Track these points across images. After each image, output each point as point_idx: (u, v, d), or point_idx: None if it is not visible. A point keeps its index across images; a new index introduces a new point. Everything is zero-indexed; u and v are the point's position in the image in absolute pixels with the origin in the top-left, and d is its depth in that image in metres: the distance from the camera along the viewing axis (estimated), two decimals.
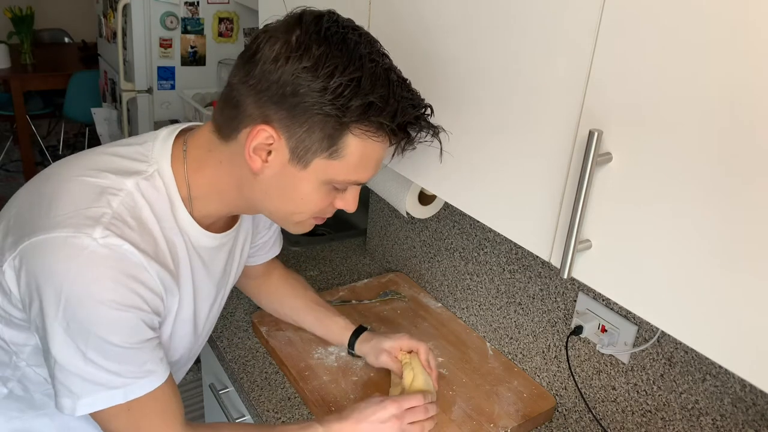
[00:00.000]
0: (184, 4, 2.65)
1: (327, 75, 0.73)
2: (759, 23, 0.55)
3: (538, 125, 0.79)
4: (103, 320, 0.76)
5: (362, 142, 0.78)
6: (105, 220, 0.77)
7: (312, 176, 0.80)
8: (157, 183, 0.84)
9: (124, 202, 0.80)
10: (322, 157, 0.79)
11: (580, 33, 0.71)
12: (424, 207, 1.41)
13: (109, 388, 0.80)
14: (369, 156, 0.81)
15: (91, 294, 0.75)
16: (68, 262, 0.75)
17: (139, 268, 0.79)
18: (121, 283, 0.77)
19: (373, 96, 0.75)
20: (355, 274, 1.69)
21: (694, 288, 0.64)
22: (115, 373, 0.79)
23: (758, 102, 0.56)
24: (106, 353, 0.78)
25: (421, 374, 1.15)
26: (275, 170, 0.80)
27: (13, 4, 4.45)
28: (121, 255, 0.77)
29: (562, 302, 1.21)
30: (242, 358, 1.32)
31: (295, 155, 0.79)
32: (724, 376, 0.95)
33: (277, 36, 0.77)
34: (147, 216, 0.82)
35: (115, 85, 2.96)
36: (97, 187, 0.80)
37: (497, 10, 0.81)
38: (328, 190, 0.83)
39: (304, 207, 0.84)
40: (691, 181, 0.62)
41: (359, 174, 0.82)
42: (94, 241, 0.75)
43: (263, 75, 0.76)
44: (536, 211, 0.81)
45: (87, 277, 0.75)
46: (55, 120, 4.66)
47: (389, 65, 0.79)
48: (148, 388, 0.82)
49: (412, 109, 0.80)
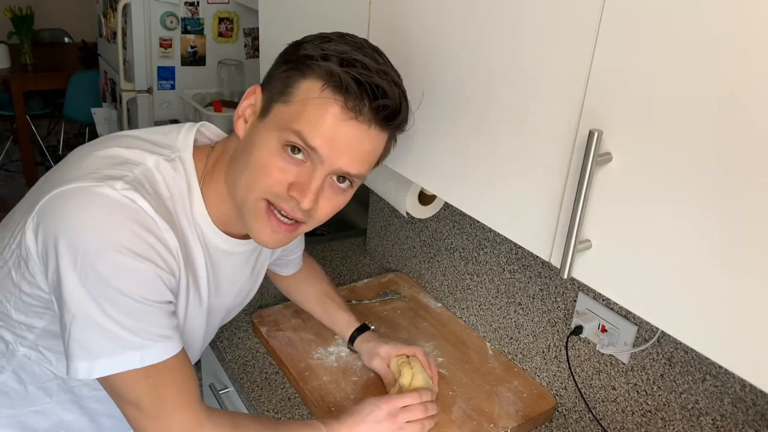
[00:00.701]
0: (184, 4, 2.65)
1: (307, 39, 0.82)
2: (759, 23, 0.55)
3: (538, 125, 0.79)
4: (120, 270, 0.76)
5: (312, 86, 0.79)
6: (126, 179, 0.79)
7: (269, 126, 0.82)
8: (177, 167, 0.86)
9: (144, 172, 0.82)
10: (279, 102, 0.81)
11: (580, 33, 0.71)
12: (424, 207, 1.41)
13: (126, 349, 0.78)
14: (319, 109, 0.78)
15: (109, 242, 0.75)
16: (86, 209, 0.75)
17: (154, 225, 0.79)
18: (138, 234, 0.77)
19: (336, 50, 0.80)
20: (355, 274, 1.69)
21: (694, 288, 0.64)
22: (131, 330, 0.78)
23: (758, 102, 0.56)
24: (123, 307, 0.77)
25: (420, 373, 1.16)
26: (249, 130, 0.85)
27: (13, 4, 4.45)
28: (139, 208, 0.78)
29: (562, 302, 1.21)
30: (242, 358, 1.32)
31: (263, 109, 0.83)
32: (724, 376, 0.95)
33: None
34: (163, 191, 0.84)
35: (115, 85, 2.96)
36: (119, 158, 0.83)
37: (498, 10, 0.81)
38: (283, 153, 0.79)
39: (258, 170, 0.81)
40: (691, 181, 0.62)
41: (308, 127, 0.78)
42: (115, 191, 0.77)
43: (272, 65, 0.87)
44: (536, 211, 0.81)
45: (105, 225, 0.75)
46: (55, 120, 4.66)
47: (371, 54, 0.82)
48: (165, 355, 0.81)
49: (366, 71, 0.78)
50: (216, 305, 1.01)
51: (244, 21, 2.80)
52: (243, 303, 1.12)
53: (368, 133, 0.81)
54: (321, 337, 1.36)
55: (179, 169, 0.86)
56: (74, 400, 0.96)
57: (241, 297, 1.09)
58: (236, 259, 0.99)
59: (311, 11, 1.21)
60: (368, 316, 1.45)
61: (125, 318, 0.77)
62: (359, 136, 0.80)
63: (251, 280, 1.09)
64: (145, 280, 0.78)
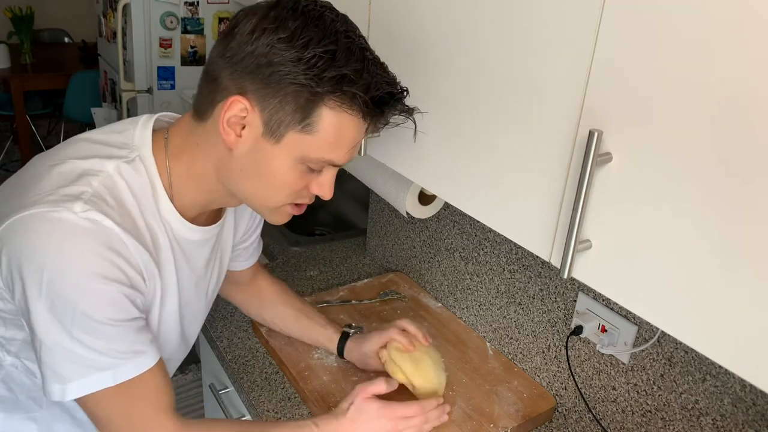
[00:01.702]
0: (184, 4, 2.65)
1: (302, 46, 0.74)
2: (759, 22, 0.55)
3: (538, 125, 0.79)
4: (86, 294, 0.75)
5: (336, 115, 0.77)
6: (85, 196, 0.77)
7: (285, 152, 0.79)
8: (138, 167, 0.84)
9: (103, 182, 0.80)
10: (296, 130, 0.78)
11: (580, 33, 0.71)
12: (424, 207, 1.41)
13: (98, 370, 0.78)
14: (343, 133, 0.79)
15: (73, 268, 0.74)
16: (48, 237, 0.75)
17: (120, 243, 0.78)
18: (102, 255, 0.76)
19: (347, 68, 0.75)
20: (355, 274, 1.69)
21: (694, 288, 0.64)
22: (102, 352, 0.78)
23: (758, 102, 0.56)
24: (92, 331, 0.77)
25: (419, 372, 1.14)
26: (249, 145, 0.80)
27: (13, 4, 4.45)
28: (101, 229, 0.76)
29: (562, 302, 1.21)
30: (242, 358, 1.32)
31: (269, 129, 0.78)
32: (724, 376, 0.95)
33: (254, 12, 0.78)
34: (127, 198, 0.82)
35: (115, 85, 2.96)
36: (77, 170, 0.81)
37: (498, 10, 0.81)
38: (303, 170, 0.81)
39: (278, 188, 0.83)
40: (691, 181, 0.62)
41: (334, 152, 0.80)
42: (74, 215, 0.75)
43: (239, 47, 0.77)
44: (536, 211, 0.81)
45: (68, 251, 0.74)
46: (55, 120, 4.66)
47: (365, 45, 0.80)
48: (139, 370, 0.81)
49: (387, 86, 0.79)
50: (197, 296, 1.01)
51: None
52: (220, 282, 1.11)
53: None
54: None
55: (140, 170, 0.84)
56: (65, 410, 0.96)
57: (218, 278, 1.09)
58: (207, 246, 0.98)
59: None
60: (368, 316, 1.45)
61: (95, 340, 0.77)
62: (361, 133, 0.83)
63: (220, 260, 1.08)
64: (112, 302, 0.78)
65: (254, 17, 0.76)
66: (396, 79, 0.82)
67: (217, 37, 2.74)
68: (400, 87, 0.82)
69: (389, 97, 0.80)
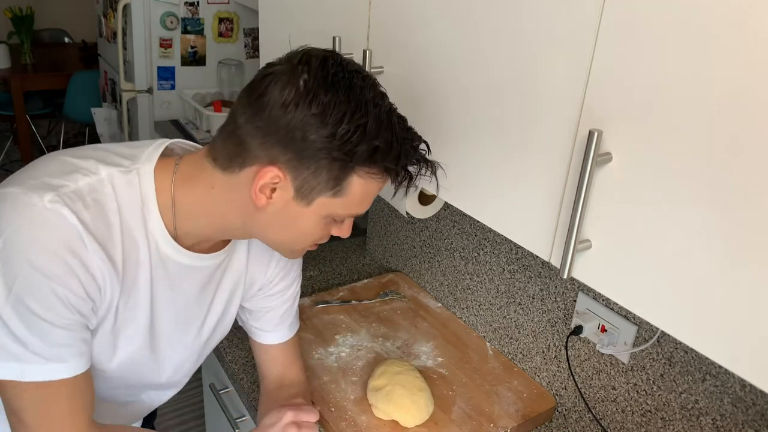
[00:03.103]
0: (184, 4, 2.65)
1: (335, 122, 0.76)
2: (759, 22, 0.55)
3: (538, 125, 0.79)
4: (26, 280, 0.75)
5: (366, 182, 0.82)
6: (61, 191, 0.78)
7: (314, 212, 0.83)
8: (132, 179, 0.84)
9: (90, 183, 0.81)
10: (326, 195, 0.81)
11: (580, 33, 0.71)
12: (424, 207, 1.41)
13: (8, 359, 0.77)
14: (370, 193, 0.84)
15: (23, 252, 0.74)
16: (12, 215, 0.76)
17: (79, 245, 0.77)
18: (55, 251, 0.76)
19: (378, 141, 0.78)
20: (355, 274, 1.69)
21: (694, 288, 0.64)
22: (20, 341, 0.76)
23: (759, 101, 0.56)
24: (20, 315, 0.76)
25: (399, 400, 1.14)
26: (279, 206, 0.82)
27: (13, 4, 4.45)
28: (63, 224, 0.76)
29: (562, 302, 1.21)
30: (242, 358, 1.32)
31: (300, 193, 0.81)
32: (724, 376, 0.95)
33: (284, 79, 0.78)
34: (110, 205, 0.81)
35: (115, 85, 2.96)
36: (73, 166, 0.82)
37: (498, 12, 0.81)
38: (327, 222, 0.86)
39: (303, 239, 0.88)
40: (691, 181, 0.62)
41: (359, 209, 0.86)
42: (41, 202, 0.76)
43: (272, 119, 0.78)
44: (536, 211, 0.81)
45: (24, 235, 0.75)
46: (55, 120, 4.66)
47: (390, 107, 0.82)
48: (48, 376, 0.79)
49: (413, 152, 0.83)
50: (180, 323, 0.97)
51: (244, 21, 2.81)
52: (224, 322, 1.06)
53: None
54: (321, 337, 1.36)
55: (134, 183, 0.84)
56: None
57: (220, 314, 1.04)
58: (200, 273, 0.95)
59: (311, 11, 1.21)
60: (368, 316, 1.45)
61: (18, 325, 0.76)
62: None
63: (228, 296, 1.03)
64: (45, 298, 0.76)
65: (285, 87, 0.77)
66: (417, 135, 0.85)
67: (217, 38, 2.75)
68: (422, 142, 0.86)
69: (416, 162, 0.84)
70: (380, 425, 1.14)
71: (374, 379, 1.19)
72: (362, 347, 1.35)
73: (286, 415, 1.02)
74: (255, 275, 1.06)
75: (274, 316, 1.11)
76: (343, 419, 1.15)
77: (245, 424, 1.30)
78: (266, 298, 1.10)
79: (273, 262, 1.07)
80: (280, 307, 1.12)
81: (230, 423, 1.29)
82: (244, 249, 1.02)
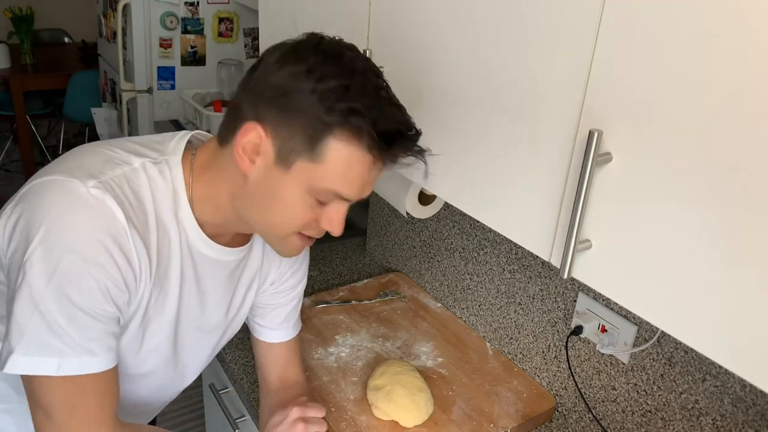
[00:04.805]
0: (184, 4, 2.65)
1: (318, 79, 0.76)
2: (759, 22, 0.55)
3: (538, 125, 0.79)
4: (68, 269, 0.74)
5: (343, 147, 0.78)
6: (102, 177, 0.79)
7: (294, 180, 0.80)
8: (163, 170, 0.85)
9: (126, 173, 0.82)
10: (305, 158, 0.79)
11: (580, 33, 0.71)
12: (424, 207, 1.41)
13: (43, 353, 0.76)
14: (351, 166, 0.79)
15: (66, 240, 0.74)
16: (54, 201, 0.76)
17: (120, 232, 0.77)
18: (98, 239, 0.76)
19: (357, 103, 0.77)
20: (355, 274, 1.69)
21: (694, 288, 0.64)
22: (57, 333, 0.76)
23: (758, 101, 0.56)
24: (60, 304, 0.75)
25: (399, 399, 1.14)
26: (262, 172, 0.81)
27: (13, 4, 4.45)
28: (105, 211, 0.77)
29: (562, 302, 1.21)
30: (242, 359, 1.32)
31: (280, 157, 0.79)
32: (724, 376, 0.95)
33: (280, 48, 0.81)
34: (145, 195, 0.82)
35: (115, 85, 2.96)
36: (107, 156, 0.83)
37: (498, 11, 0.81)
38: (311, 202, 0.82)
39: (286, 216, 0.83)
40: (691, 181, 0.62)
41: (340, 185, 0.81)
42: (84, 187, 0.76)
43: (261, 77, 0.80)
44: (536, 211, 0.81)
45: (68, 219, 0.75)
46: (55, 120, 4.66)
47: (382, 85, 0.81)
48: (85, 369, 0.78)
49: (397, 123, 0.80)
50: (199, 318, 0.97)
51: (244, 21, 2.80)
52: (235, 321, 1.07)
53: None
54: (321, 338, 1.36)
55: (165, 173, 0.85)
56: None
57: (235, 314, 1.05)
58: (223, 269, 0.96)
59: (311, 11, 1.21)
60: (368, 317, 1.45)
61: (58, 318, 0.75)
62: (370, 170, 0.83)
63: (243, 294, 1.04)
64: (89, 286, 0.76)
65: (278, 52, 0.80)
66: (410, 120, 0.82)
67: (217, 38, 2.75)
68: (413, 128, 0.82)
69: (398, 135, 0.80)
70: (380, 425, 1.14)
71: (374, 379, 1.19)
72: (362, 347, 1.35)
73: (292, 412, 1.02)
74: (270, 268, 1.07)
75: (280, 313, 1.12)
76: (343, 419, 1.15)
77: (245, 424, 1.30)
78: (275, 294, 1.11)
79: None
80: (287, 304, 1.13)
81: (230, 423, 1.29)
82: (260, 243, 1.03)
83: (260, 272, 1.05)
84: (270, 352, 1.14)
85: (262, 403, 1.13)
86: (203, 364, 1.07)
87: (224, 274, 0.97)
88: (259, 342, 1.14)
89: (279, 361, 1.14)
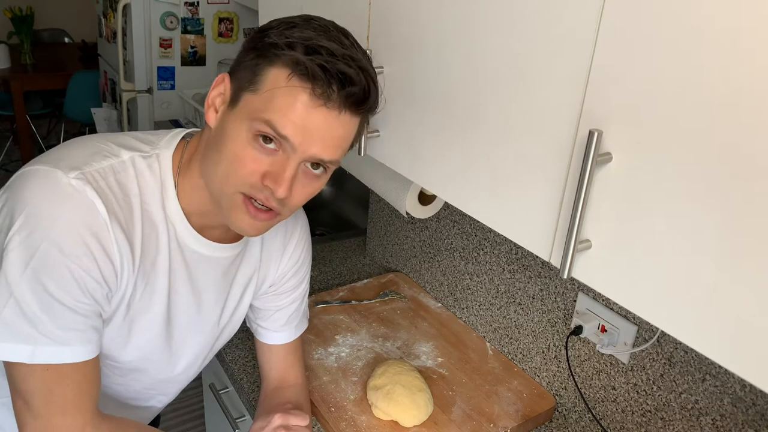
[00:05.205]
0: (184, 4, 2.65)
1: (276, 26, 0.81)
2: (759, 22, 0.55)
3: (537, 125, 0.79)
4: (44, 258, 0.74)
5: (281, 77, 0.77)
6: (86, 169, 0.79)
7: (238, 115, 0.79)
8: (152, 164, 0.85)
9: (113, 165, 0.82)
10: (248, 91, 0.79)
11: (579, 33, 0.71)
12: (424, 207, 1.41)
13: (18, 340, 0.75)
14: (286, 98, 0.77)
15: (44, 228, 0.74)
16: (36, 189, 0.76)
17: (100, 225, 0.77)
18: (74, 229, 0.75)
19: (301, 38, 0.78)
20: (355, 274, 1.69)
21: (694, 288, 0.64)
22: (31, 321, 0.75)
23: (759, 101, 0.56)
24: (34, 292, 0.75)
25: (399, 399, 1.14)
26: (220, 120, 0.83)
27: (13, 4, 4.45)
28: (85, 202, 0.76)
29: (562, 302, 1.21)
30: (242, 359, 1.32)
31: (233, 98, 0.81)
32: (724, 376, 0.95)
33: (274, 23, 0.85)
34: (132, 188, 0.82)
35: (115, 85, 2.96)
36: (96, 148, 0.83)
37: (498, 10, 0.81)
38: (258, 147, 0.78)
39: (232, 164, 0.79)
40: (691, 181, 0.62)
41: (277, 115, 0.77)
42: (65, 178, 0.76)
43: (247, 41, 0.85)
44: (536, 211, 0.81)
45: (46, 210, 0.75)
46: (55, 120, 4.66)
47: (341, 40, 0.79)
48: (59, 359, 0.78)
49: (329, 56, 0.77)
50: (194, 316, 0.97)
51: (244, 21, 2.81)
52: (233, 322, 1.06)
53: (339, 118, 0.79)
54: (321, 337, 1.36)
55: (154, 167, 0.85)
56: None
57: (231, 313, 1.04)
58: (217, 266, 0.95)
59: (311, 11, 1.21)
60: (368, 317, 1.45)
61: (32, 302, 0.75)
62: (330, 122, 0.79)
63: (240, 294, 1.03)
64: (64, 279, 0.76)
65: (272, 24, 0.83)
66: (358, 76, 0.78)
67: (217, 38, 2.75)
68: (358, 84, 0.78)
69: (342, 79, 0.77)
70: (380, 425, 1.14)
71: (374, 379, 1.19)
72: (362, 347, 1.35)
73: (274, 419, 1.01)
74: (267, 270, 1.06)
75: (281, 316, 1.12)
76: (343, 419, 1.15)
77: (245, 424, 1.30)
78: (276, 296, 1.10)
79: (285, 257, 1.07)
80: (289, 306, 1.12)
81: (230, 423, 1.29)
82: (258, 241, 1.02)
83: (258, 273, 1.04)
84: (271, 353, 1.14)
85: (259, 402, 1.14)
86: (202, 363, 1.07)
87: (218, 272, 0.96)
88: (261, 344, 1.14)
89: (280, 362, 1.14)
